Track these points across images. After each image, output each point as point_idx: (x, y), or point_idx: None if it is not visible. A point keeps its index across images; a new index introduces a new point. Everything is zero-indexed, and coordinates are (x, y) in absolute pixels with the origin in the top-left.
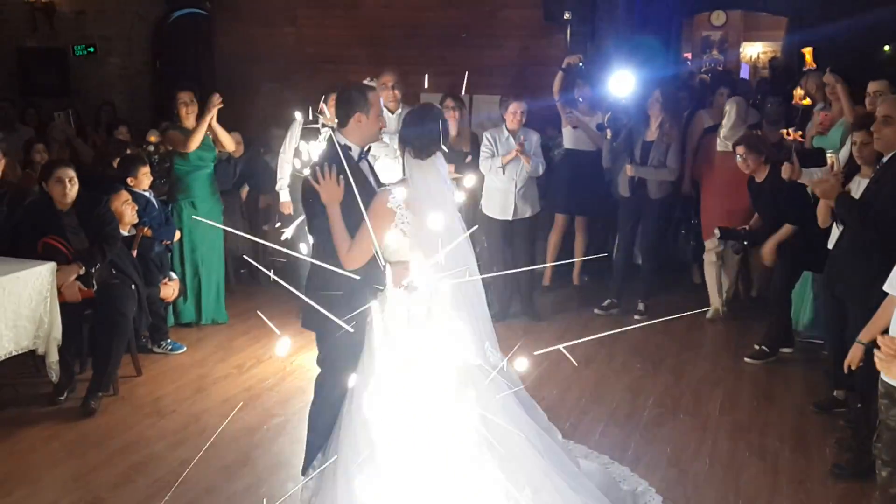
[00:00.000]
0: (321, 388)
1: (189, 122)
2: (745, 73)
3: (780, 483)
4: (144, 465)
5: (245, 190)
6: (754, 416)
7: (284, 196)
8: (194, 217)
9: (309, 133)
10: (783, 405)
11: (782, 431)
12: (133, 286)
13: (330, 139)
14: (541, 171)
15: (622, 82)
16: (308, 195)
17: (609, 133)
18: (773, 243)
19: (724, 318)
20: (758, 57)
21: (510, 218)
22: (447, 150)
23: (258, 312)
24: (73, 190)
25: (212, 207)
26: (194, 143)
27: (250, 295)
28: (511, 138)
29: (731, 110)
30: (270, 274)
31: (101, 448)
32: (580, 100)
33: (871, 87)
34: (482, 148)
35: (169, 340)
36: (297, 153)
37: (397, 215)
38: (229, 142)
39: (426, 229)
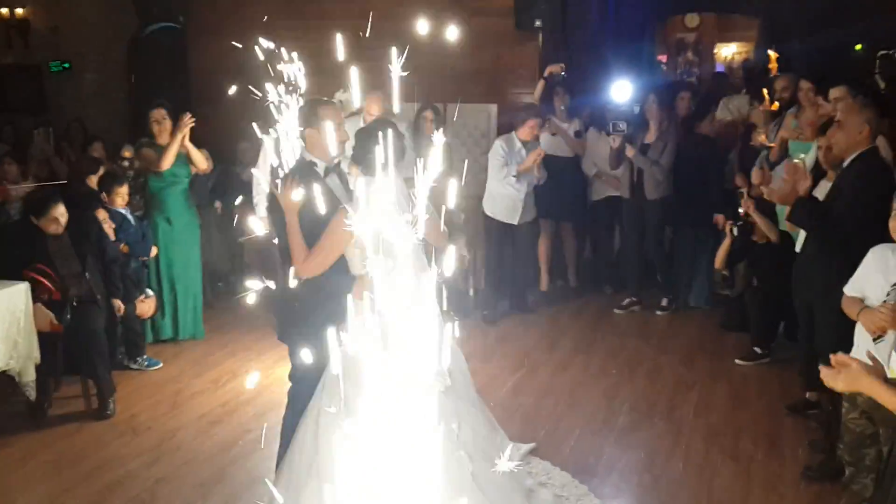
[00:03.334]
0: (292, 401)
1: (162, 139)
2: None
3: (753, 486)
4: (119, 484)
5: (219, 204)
6: (728, 419)
7: (262, 211)
8: (175, 231)
9: None
10: (757, 408)
11: (756, 434)
12: (99, 297)
13: (300, 156)
14: (544, 180)
15: (622, 89)
16: (272, 208)
17: (613, 140)
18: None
19: (701, 320)
20: (732, 58)
21: (516, 222)
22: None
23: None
24: (64, 222)
25: (188, 222)
26: (167, 161)
27: (228, 309)
28: (523, 149)
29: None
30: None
31: (76, 468)
32: (562, 107)
33: (833, 93)
34: (494, 155)
35: (145, 357)
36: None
37: (354, 233)
38: (201, 161)
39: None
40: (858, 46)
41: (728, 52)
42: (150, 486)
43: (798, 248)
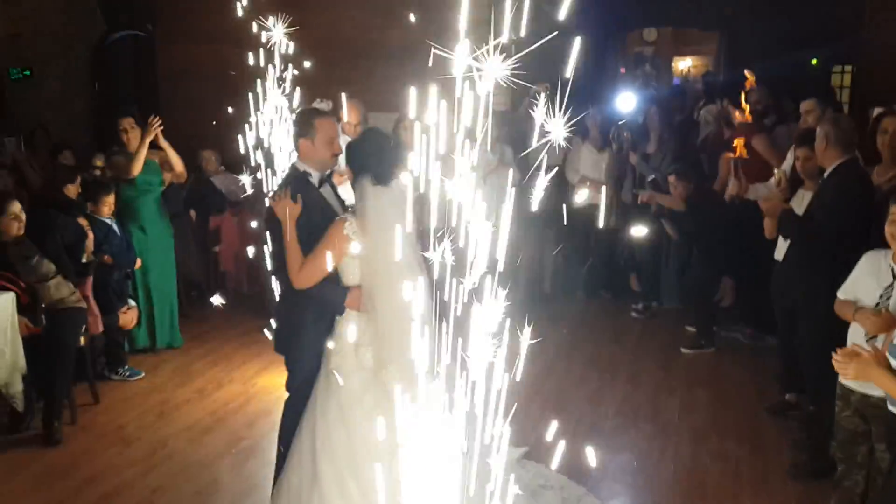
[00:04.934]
0: (288, 411)
1: (132, 147)
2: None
3: (743, 485)
4: (116, 494)
5: (193, 212)
6: (711, 420)
7: None
8: (150, 239)
9: None
10: (737, 409)
11: (739, 435)
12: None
13: (292, 165)
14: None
15: (626, 101)
16: (269, 219)
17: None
18: None
19: (673, 326)
20: (688, 70)
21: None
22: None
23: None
24: (24, 219)
25: (162, 231)
26: (136, 167)
27: (204, 318)
28: (489, 152)
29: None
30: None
31: (68, 479)
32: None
33: (803, 106)
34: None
35: (127, 367)
36: None
37: (353, 242)
38: (179, 163)
39: (380, 254)
40: (814, 61)
41: (684, 65)
42: (147, 496)
43: (777, 256)
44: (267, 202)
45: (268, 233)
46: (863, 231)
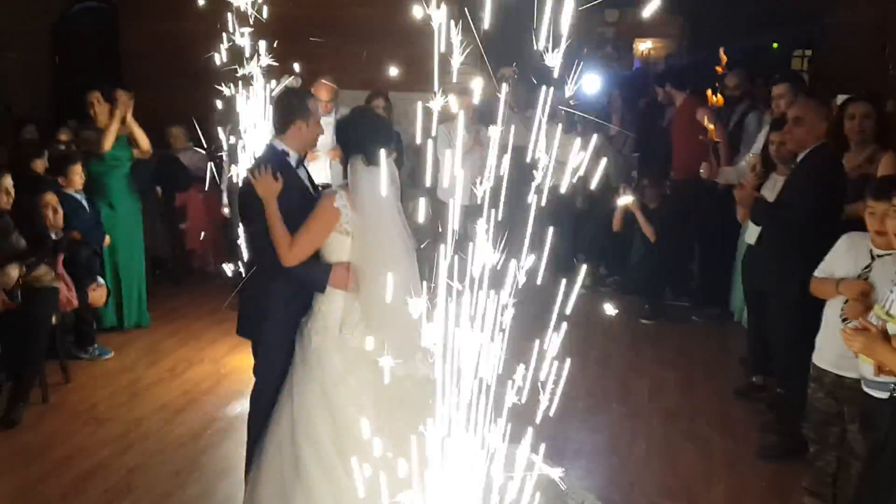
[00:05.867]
0: (257, 398)
1: (101, 122)
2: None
3: (715, 466)
4: (92, 474)
5: (160, 189)
6: (681, 402)
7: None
8: (118, 216)
9: None
10: (706, 391)
11: (709, 416)
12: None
13: (268, 144)
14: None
15: (591, 83)
16: (245, 197)
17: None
18: None
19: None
20: (649, 53)
21: (468, 203)
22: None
23: None
24: (12, 193)
25: (130, 207)
26: (107, 142)
27: (171, 296)
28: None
29: None
30: None
31: (43, 459)
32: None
33: (775, 90)
34: (439, 140)
35: (96, 346)
36: None
37: (342, 216)
38: (145, 140)
39: (371, 233)
40: (775, 45)
41: (645, 47)
42: (124, 476)
43: (748, 240)
44: (236, 179)
45: (243, 211)
46: (835, 216)
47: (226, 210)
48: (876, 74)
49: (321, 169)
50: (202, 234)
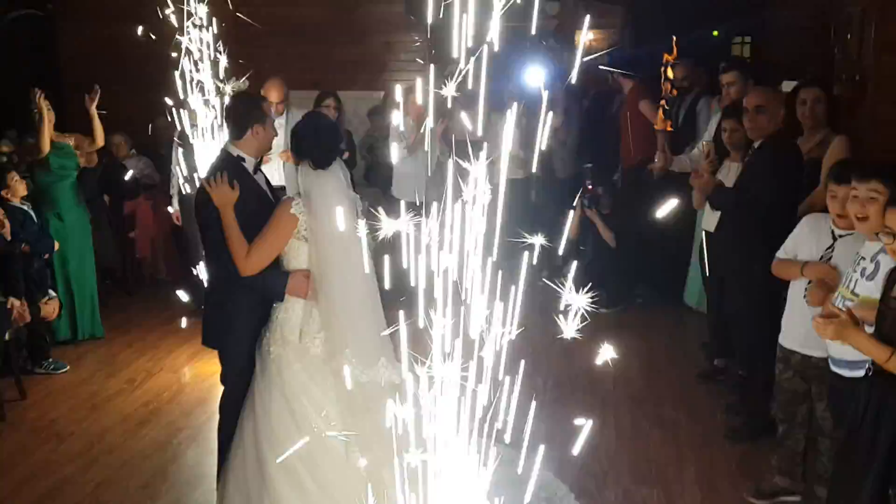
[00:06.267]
0: (226, 406)
1: (45, 118)
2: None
3: (684, 450)
4: (58, 490)
5: (107, 197)
6: (646, 388)
7: (176, 205)
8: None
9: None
10: (670, 377)
11: (675, 401)
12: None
13: (223, 150)
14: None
15: (535, 74)
16: (201, 205)
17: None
18: None
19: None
20: (590, 44)
21: (423, 200)
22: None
23: None
24: None
25: (79, 217)
26: (43, 143)
27: (124, 306)
28: (412, 123)
29: None
30: None
31: (6, 477)
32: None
33: (724, 78)
34: (391, 136)
35: (51, 360)
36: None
37: (300, 222)
38: (100, 133)
39: (327, 238)
40: (715, 32)
41: (586, 38)
42: (91, 491)
43: (706, 227)
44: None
45: (200, 219)
46: (796, 200)
47: (175, 216)
48: (817, 59)
49: (274, 171)
50: (151, 241)
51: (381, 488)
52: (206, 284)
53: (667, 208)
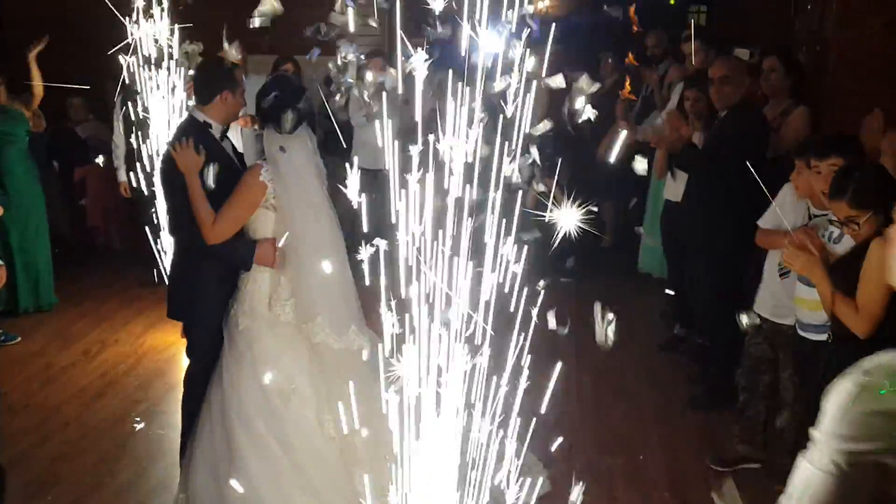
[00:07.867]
0: (192, 379)
1: None
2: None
3: (647, 419)
4: (13, 466)
5: (56, 164)
6: (608, 359)
7: (122, 176)
8: (12, 195)
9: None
10: (631, 347)
11: (637, 372)
12: None
13: (189, 115)
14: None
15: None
16: (166, 171)
17: None
18: None
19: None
20: (546, 11)
21: (382, 168)
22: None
23: None
24: None
25: (28, 184)
26: None
27: (75, 276)
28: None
29: None
30: None
31: None
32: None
33: (687, 47)
34: (351, 102)
35: (0, 331)
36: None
37: (269, 189)
38: (39, 89)
39: (294, 205)
40: (672, 1)
41: (543, 5)
42: (48, 466)
43: (669, 196)
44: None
45: (165, 185)
46: (763, 168)
47: (122, 188)
48: (774, 28)
49: (232, 137)
50: (104, 209)
51: (353, 455)
52: (166, 255)
53: (617, 149)
